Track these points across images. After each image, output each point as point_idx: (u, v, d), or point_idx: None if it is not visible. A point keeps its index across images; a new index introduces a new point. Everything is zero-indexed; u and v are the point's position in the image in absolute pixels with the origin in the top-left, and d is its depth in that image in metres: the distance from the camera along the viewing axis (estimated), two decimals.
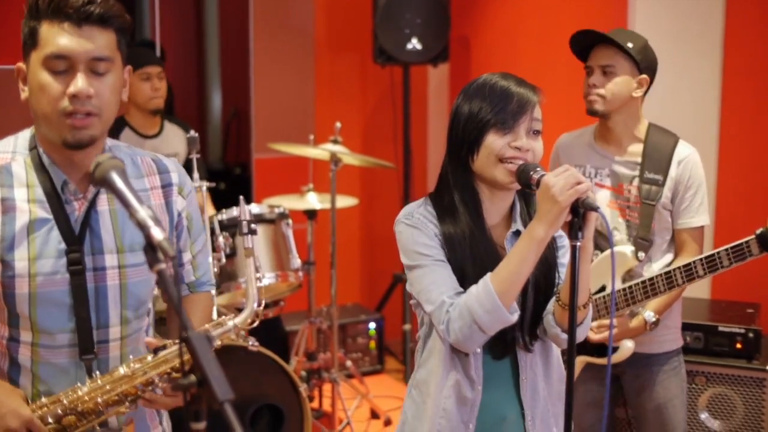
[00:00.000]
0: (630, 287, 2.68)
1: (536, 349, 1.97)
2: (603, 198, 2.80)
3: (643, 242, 2.74)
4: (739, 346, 3.17)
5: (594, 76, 2.74)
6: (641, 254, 2.73)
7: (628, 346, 2.72)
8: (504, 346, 1.94)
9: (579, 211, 1.73)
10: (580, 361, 2.79)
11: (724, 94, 3.93)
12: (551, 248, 1.98)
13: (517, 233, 1.95)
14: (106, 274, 1.72)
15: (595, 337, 2.69)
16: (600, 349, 2.74)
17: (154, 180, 1.82)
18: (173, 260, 1.34)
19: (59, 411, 1.66)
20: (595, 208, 1.71)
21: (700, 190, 2.76)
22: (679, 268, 2.60)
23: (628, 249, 2.73)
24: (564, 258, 1.99)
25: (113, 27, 1.66)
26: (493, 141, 1.86)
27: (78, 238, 1.70)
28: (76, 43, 1.61)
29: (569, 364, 1.80)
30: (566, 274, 1.84)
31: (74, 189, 1.71)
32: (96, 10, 1.62)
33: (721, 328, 3.21)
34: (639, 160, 2.76)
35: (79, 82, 1.61)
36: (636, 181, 2.76)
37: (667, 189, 2.73)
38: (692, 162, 2.76)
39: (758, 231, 2.45)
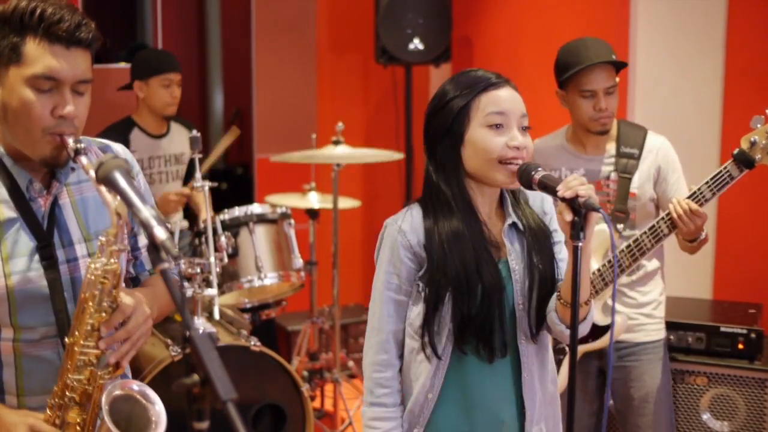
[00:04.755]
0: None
1: (532, 351, 1.95)
2: None
3: (620, 215, 2.77)
4: (741, 346, 3.17)
5: (601, 99, 2.73)
6: (620, 226, 2.76)
7: (619, 322, 2.73)
8: (491, 350, 1.91)
9: (581, 212, 1.73)
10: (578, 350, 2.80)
11: (727, 93, 3.93)
12: (549, 238, 1.96)
13: (513, 225, 1.93)
14: (78, 265, 1.75)
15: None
16: (594, 332, 2.74)
17: None
18: (176, 260, 1.34)
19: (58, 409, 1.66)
20: (597, 209, 1.72)
21: (679, 172, 2.82)
22: (662, 217, 2.62)
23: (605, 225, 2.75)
24: (561, 253, 1.97)
25: (93, 49, 1.70)
26: (491, 139, 1.86)
27: (47, 233, 1.73)
28: (66, 66, 1.64)
29: (571, 364, 1.79)
30: (566, 272, 1.85)
31: (39, 187, 1.74)
32: (84, 36, 1.66)
33: (723, 329, 3.20)
34: (614, 152, 2.81)
35: (69, 106, 1.65)
36: (614, 176, 2.79)
37: (646, 180, 2.78)
38: (666, 148, 2.83)
39: (735, 151, 2.47)
